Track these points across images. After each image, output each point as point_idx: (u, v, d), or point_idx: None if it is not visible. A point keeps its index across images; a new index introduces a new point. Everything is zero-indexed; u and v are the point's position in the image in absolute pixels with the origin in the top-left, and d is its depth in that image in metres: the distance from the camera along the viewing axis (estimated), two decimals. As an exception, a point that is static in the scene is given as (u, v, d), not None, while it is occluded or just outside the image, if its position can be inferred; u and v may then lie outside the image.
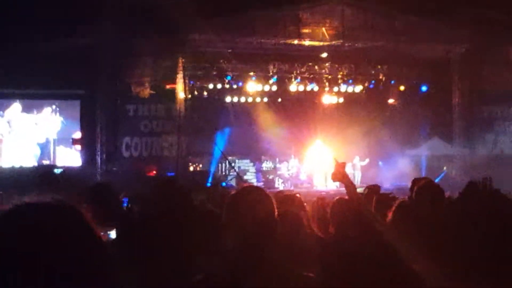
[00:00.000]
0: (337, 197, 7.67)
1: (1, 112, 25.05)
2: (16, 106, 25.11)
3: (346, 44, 27.16)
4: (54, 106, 25.54)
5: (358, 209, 6.50)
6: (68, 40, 22.60)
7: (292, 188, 29.02)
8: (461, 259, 4.51)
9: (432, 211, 6.10)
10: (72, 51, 23.13)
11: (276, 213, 3.83)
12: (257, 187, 4.37)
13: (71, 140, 25.58)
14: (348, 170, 30.63)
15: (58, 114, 25.60)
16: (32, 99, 25.51)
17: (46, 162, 25.28)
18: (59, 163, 25.16)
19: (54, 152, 25.59)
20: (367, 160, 31.10)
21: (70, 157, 25.43)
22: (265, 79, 30.92)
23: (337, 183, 24.12)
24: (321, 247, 5.80)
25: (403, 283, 4.87)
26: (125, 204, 8.56)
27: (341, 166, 5.59)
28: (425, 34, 25.82)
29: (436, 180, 24.59)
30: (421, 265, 4.79)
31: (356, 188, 6.05)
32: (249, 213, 3.71)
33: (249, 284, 3.56)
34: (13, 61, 22.43)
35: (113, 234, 6.68)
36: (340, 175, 5.55)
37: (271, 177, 31.73)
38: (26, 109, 25.35)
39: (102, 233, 6.42)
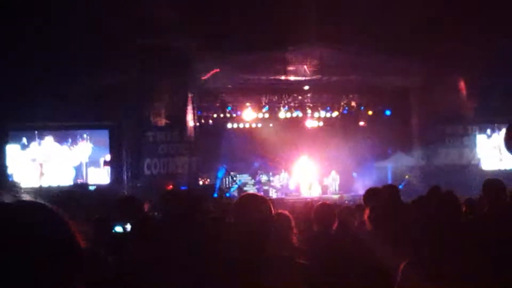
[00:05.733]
0: (319, 202, 7.72)
1: (41, 141, 25.06)
2: (49, 137, 25.15)
3: (324, 78, 27.27)
4: (85, 135, 25.56)
5: (336, 211, 6.56)
6: (97, 79, 22.69)
7: (283, 196, 29.06)
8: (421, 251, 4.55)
9: (393, 211, 6.16)
10: (101, 88, 23.23)
11: (272, 213, 3.91)
12: (258, 194, 4.47)
13: (101, 162, 25.60)
14: (329, 181, 30.96)
15: (89, 141, 25.61)
16: (67, 130, 25.54)
17: (80, 181, 25.26)
18: (91, 181, 25.15)
19: (86, 173, 25.58)
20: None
21: (100, 176, 25.41)
22: (258, 108, 31.04)
23: (319, 191, 23.93)
24: (306, 242, 5.84)
25: (374, 271, 4.91)
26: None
27: None
28: (388, 68, 25.92)
29: (400, 187, 24.66)
30: (388, 257, 4.82)
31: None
32: (253, 213, 3.79)
33: (253, 271, 3.62)
34: (52, 98, 22.46)
35: (128, 227, 6.81)
36: None
37: (266, 187, 31.78)
38: (63, 139, 25.37)
39: (119, 227, 6.46)
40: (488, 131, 29.08)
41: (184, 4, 21.46)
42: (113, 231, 6.99)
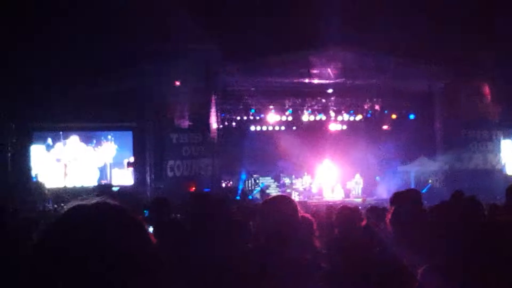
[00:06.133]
0: (340, 206, 7.72)
1: (66, 142, 25.24)
2: (75, 137, 25.31)
3: (348, 82, 27.21)
4: (109, 136, 25.70)
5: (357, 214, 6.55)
6: (121, 81, 22.82)
7: (305, 199, 28.97)
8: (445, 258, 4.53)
9: (417, 215, 6.14)
10: (125, 90, 23.36)
11: (299, 215, 3.96)
12: (286, 196, 4.52)
13: (125, 163, 25.71)
14: (352, 184, 30.89)
15: (113, 142, 25.75)
16: (92, 131, 25.70)
17: (104, 182, 25.38)
18: (114, 182, 25.26)
19: (110, 174, 25.71)
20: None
21: (124, 178, 25.53)
22: (282, 111, 31.08)
23: (342, 195, 23.89)
24: (327, 246, 5.86)
25: (394, 275, 4.91)
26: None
27: None
28: (412, 72, 25.81)
29: (423, 191, 24.64)
30: (409, 262, 4.82)
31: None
32: (280, 213, 3.84)
33: (276, 272, 3.64)
34: (77, 101, 22.65)
35: (150, 229, 6.81)
36: None
37: (288, 190, 31.71)
38: (87, 139, 25.53)
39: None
40: (514, 135, 28.87)
41: (208, 7, 21.53)
42: None
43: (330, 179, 31.85)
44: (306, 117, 31.46)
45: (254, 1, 22.30)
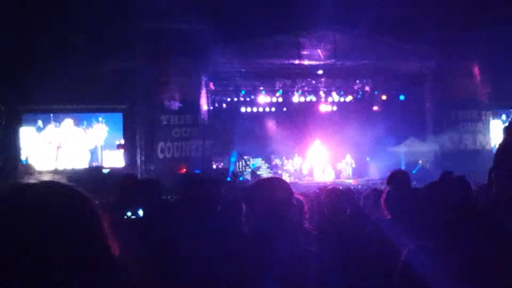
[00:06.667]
0: (330, 187, 7.76)
1: (58, 124, 25.17)
2: (69, 120, 25.25)
3: (338, 63, 27.17)
4: (100, 118, 25.65)
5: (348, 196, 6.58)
6: (111, 62, 22.77)
7: (296, 180, 29.09)
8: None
9: (408, 195, 6.19)
10: (115, 73, 23.32)
11: (292, 195, 4.00)
12: (279, 178, 4.57)
13: (116, 145, 25.68)
14: (342, 165, 30.99)
15: (104, 124, 25.70)
16: (83, 113, 25.62)
17: (95, 164, 25.37)
18: (105, 164, 25.24)
19: (101, 156, 25.68)
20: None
21: (115, 159, 25.50)
22: (272, 92, 31.13)
23: (333, 176, 23.99)
24: (317, 227, 5.87)
25: (383, 257, 4.95)
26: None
27: None
28: (402, 53, 25.82)
29: (413, 172, 24.71)
30: (399, 242, 4.86)
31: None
32: (272, 193, 3.86)
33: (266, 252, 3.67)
34: (67, 83, 22.60)
35: (141, 212, 6.74)
36: None
37: (279, 171, 31.82)
38: (78, 122, 25.47)
39: (130, 214, 6.37)
40: (503, 116, 28.92)
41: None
42: (124, 216, 6.81)
43: (321, 160, 31.97)
44: (296, 98, 31.50)
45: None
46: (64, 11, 20.54)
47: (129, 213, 6.76)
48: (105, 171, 24.27)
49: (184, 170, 24.24)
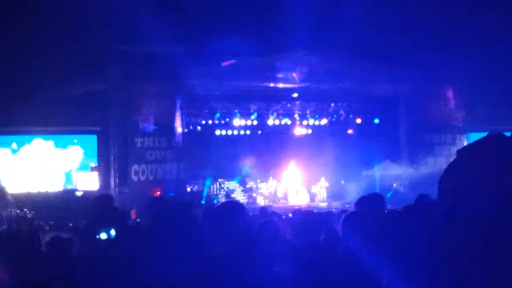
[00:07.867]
0: (304, 210, 7.75)
1: (32, 146, 24.93)
2: (43, 142, 25.01)
3: (313, 86, 27.30)
4: (75, 140, 25.45)
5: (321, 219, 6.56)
6: (84, 86, 22.67)
7: (270, 203, 29.01)
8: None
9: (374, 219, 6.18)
10: (89, 95, 23.22)
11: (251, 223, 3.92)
12: (237, 203, 4.48)
13: (90, 167, 25.50)
14: (317, 188, 31.01)
15: (79, 146, 25.52)
16: (57, 135, 25.39)
17: (70, 186, 25.14)
18: (79, 187, 25.02)
19: (76, 178, 25.46)
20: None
21: (89, 182, 25.27)
22: (247, 115, 31.12)
23: (307, 199, 24.02)
24: (292, 249, 5.85)
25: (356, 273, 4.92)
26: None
27: None
28: (377, 76, 25.97)
29: (387, 195, 24.77)
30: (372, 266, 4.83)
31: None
32: (229, 224, 3.77)
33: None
34: (41, 104, 22.43)
35: (113, 232, 6.71)
36: None
37: (254, 194, 31.73)
38: (53, 144, 25.23)
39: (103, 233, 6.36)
40: (477, 140, 29.11)
41: (170, 10, 21.41)
42: (97, 237, 6.84)
43: (296, 183, 31.93)
44: (271, 121, 31.50)
45: (220, 4, 22.24)
46: (36, 32, 20.41)
47: (102, 234, 6.76)
48: (78, 193, 24.07)
49: (158, 193, 24.14)
